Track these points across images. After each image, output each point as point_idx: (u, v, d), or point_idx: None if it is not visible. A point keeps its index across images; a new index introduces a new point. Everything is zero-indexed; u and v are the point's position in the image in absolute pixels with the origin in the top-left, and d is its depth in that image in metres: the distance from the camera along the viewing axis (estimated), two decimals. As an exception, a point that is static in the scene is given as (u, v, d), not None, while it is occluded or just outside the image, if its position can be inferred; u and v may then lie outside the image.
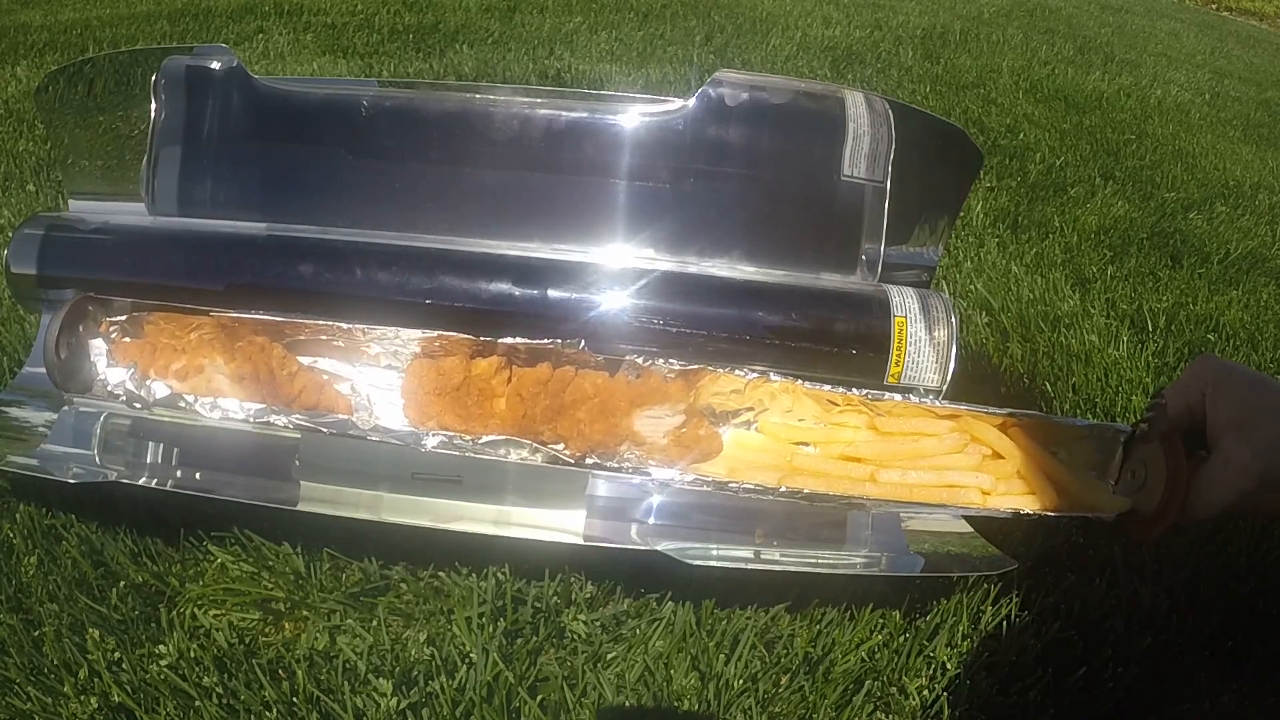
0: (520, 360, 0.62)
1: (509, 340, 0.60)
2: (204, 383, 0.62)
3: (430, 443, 0.57)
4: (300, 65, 1.97)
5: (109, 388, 0.62)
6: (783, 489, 0.57)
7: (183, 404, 0.59)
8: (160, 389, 0.61)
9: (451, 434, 0.58)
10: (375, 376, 0.66)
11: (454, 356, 0.61)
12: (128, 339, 0.63)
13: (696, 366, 0.61)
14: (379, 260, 0.67)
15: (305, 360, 0.66)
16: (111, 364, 0.63)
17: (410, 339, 0.62)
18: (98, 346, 0.63)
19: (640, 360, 0.60)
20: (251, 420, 0.58)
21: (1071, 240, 1.44)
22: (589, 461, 0.58)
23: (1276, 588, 0.75)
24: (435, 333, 0.61)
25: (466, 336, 0.60)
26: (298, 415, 0.58)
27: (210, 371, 0.62)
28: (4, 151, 1.39)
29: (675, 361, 0.61)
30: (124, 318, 0.63)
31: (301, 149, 0.72)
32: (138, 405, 0.61)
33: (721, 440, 0.62)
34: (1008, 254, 1.35)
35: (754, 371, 0.61)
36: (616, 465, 0.58)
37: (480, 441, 0.57)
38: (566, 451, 0.58)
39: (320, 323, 0.62)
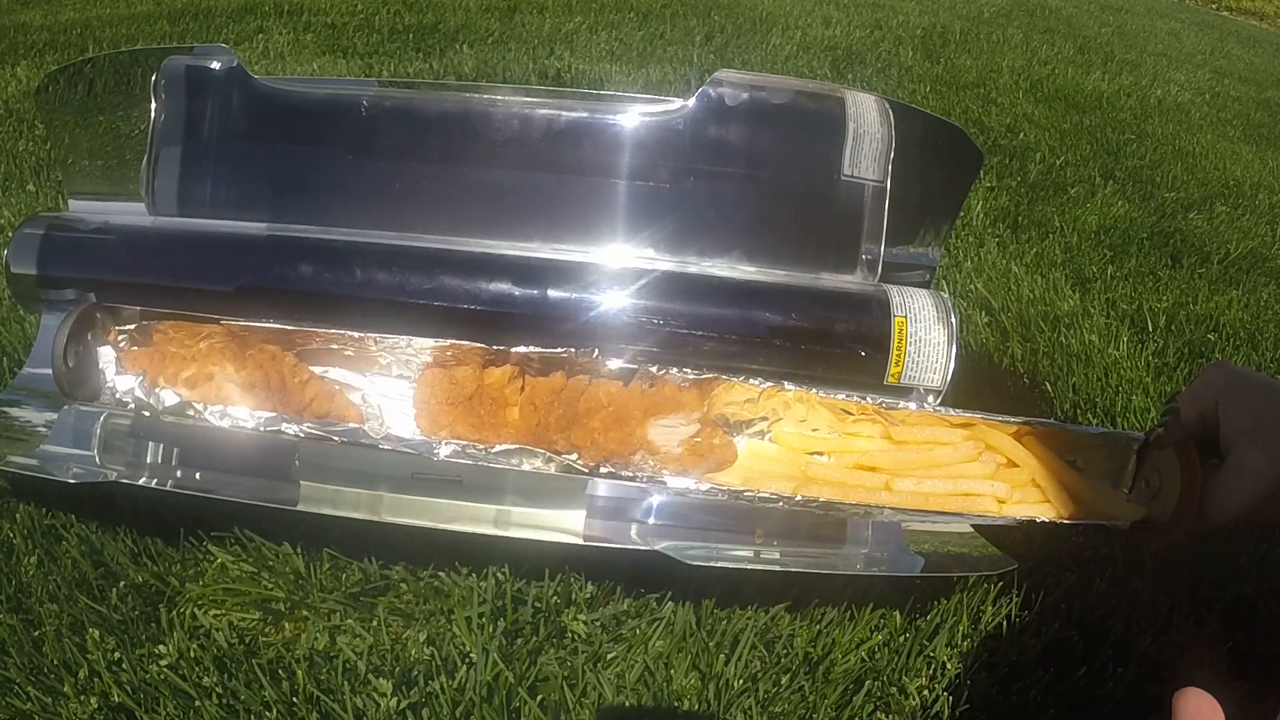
0: (533, 369, 0.61)
1: (522, 349, 0.60)
2: (214, 390, 0.61)
3: (443, 452, 0.57)
4: (300, 65, 1.97)
5: (117, 395, 0.62)
6: (798, 498, 0.57)
7: (192, 412, 0.58)
8: (169, 397, 0.61)
9: (465, 443, 0.57)
10: (386, 386, 0.66)
11: (466, 365, 0.61)
12: (136, 347, 0.63)
13: (710, 375, 0.61)
14: (379, 260, 0.67)
15: (316, 369, 0.65)
16: (120, 372, 0.63)
17: (422, 348, 0.62)
18: (106, 354, 0.63)
19: (654, 369, 0.60)
20: (262, 429, 0.57)
21: (1071, 240, 1.44)
22: (604, 470, 0.57)
23: (1276, 588, 0.75)
24: (448, 342, 0.61)
25: (479, 345, 0.60)
26: (309, 424, 0.57)
27: (220, 379, 0.61)
28: (4, 151, 1.39)
29: (689, 370, 0.61)
30: (133, 326, 0.63)
31: (301, 149, 0.71)
32: (146, 414, 0.60)
33: (736, 449, 0.62)
34: (1008, 254, 1.35)
35: (768, 380, 0.61)
36: (631, 474, 0.58)
37: (494, 451, 0.57)
38: (580, 461, 0.58)
39: (331, 332, 0.62)
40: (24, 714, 0.57)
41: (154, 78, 0.70)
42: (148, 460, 0.65)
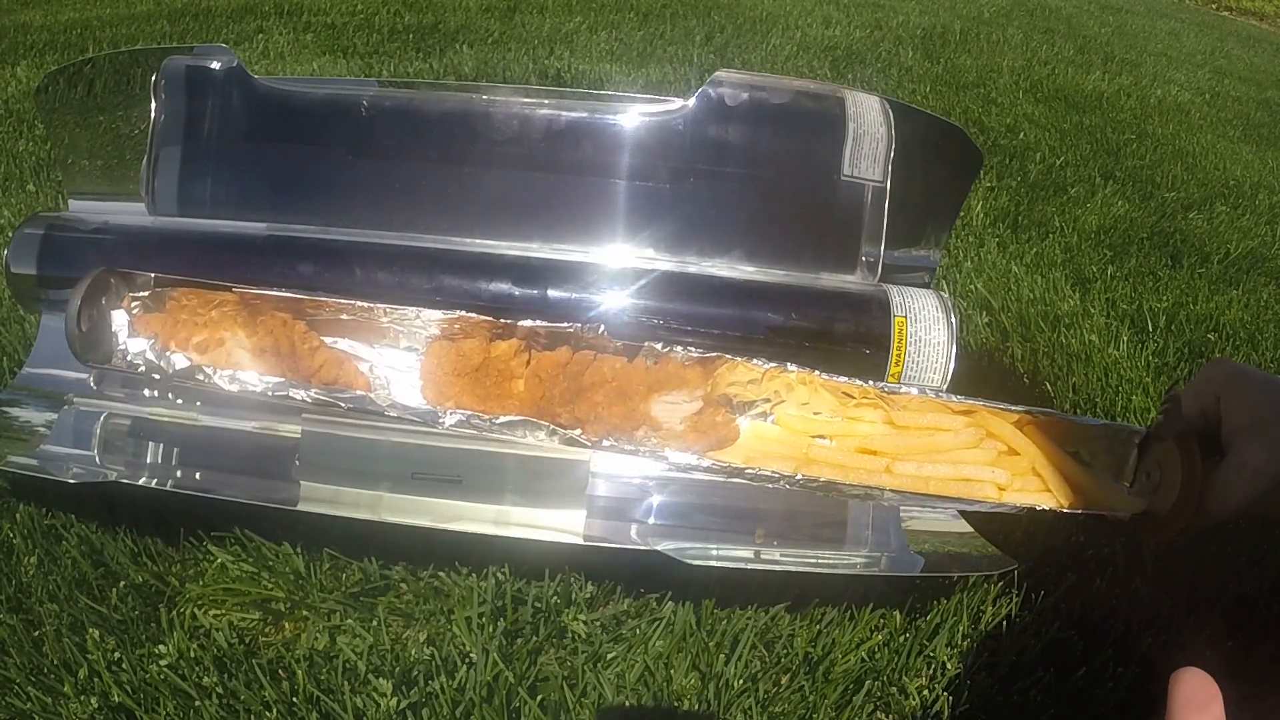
0: (540, 344, 0.62)
1: (528, 324, 0.60)
2: (224, 355, 0.62)
3: (449, 420, 0.57)
4: (300, 65, 1.97)
5: (129, 358, 0.62)
6: (799, 476, 0.57)
7: (201, 375, 0.59)
8: (180, 360, 0.61)
9: (469, 413, 0.58)
10: (394, 358, 0.66)
11: (473, 338, 0.62)
12: (150, 313, 0.64)
13: (714, 354, 0.61)
14: (379, 260, 0.67)
15: (326, 340, 0.66)
16: (132, 334, 0.63)
17: (430, 320, 0.62)
18: (119, 319, 0.63)
19: (659, 346, 0.60)
20: (270, 393, 0.57)
21: (1071, 240, 1.44)
22: (606, 444, 0.58)
23: (1276, 588, 0.75)
24: (455, 314, 0.61)
25: (486, 319, 0.61)
26: (316, 390, 0.57)
27: (231, 345, 0.62)
28: (4, 151, 1.39)
29: (694, 349, 0.61)
30: (147, 293, 0.63)
31: (301, 149, 0.72)
32: (156, 376, 0.61)
33: (738, 429, 0.62)
34: (1008, 254, 1.35)
35: (771, 361, 0.61)
36: (633, 448, 0.58)
37: (498, 422, 0.57)
38: (583, 435, 0.58)
39: (341, 301, 0.62)
40: (24, 714, 0.57)
41: (154, 78, 0.70)
42: (148, 460, 0.65)
